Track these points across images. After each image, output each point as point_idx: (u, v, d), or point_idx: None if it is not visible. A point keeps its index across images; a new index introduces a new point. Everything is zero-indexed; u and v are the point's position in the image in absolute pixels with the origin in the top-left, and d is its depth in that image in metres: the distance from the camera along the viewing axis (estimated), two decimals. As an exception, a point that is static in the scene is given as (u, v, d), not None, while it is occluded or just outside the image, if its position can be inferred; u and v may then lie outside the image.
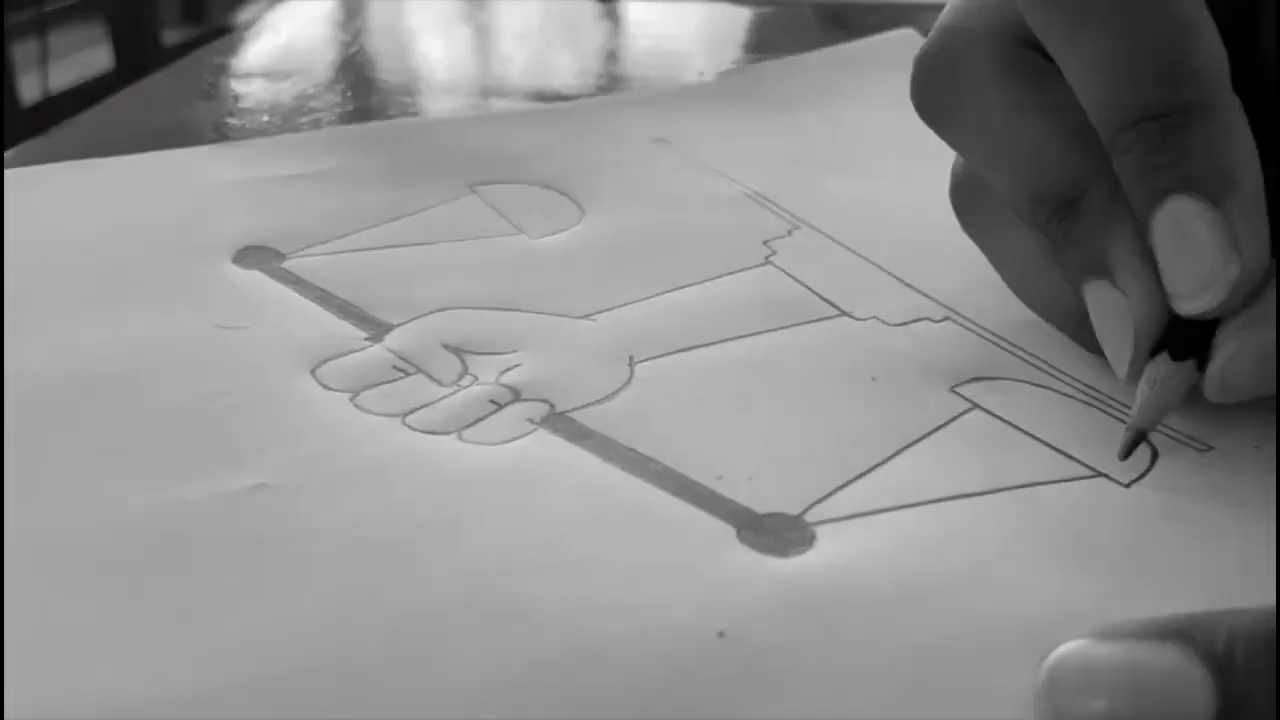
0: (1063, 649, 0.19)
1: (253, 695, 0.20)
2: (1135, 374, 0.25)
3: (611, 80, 0.52)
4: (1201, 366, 0.25)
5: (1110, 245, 0.25)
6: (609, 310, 0.31)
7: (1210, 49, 0.24)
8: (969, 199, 0.29)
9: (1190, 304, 0.24)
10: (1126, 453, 0.25)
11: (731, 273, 0.33)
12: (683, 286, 0.32)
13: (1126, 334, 0.25)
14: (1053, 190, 0.26)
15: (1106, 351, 0.25)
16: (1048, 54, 0.25)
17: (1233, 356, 0.24)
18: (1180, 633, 0.18)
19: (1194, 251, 0.23)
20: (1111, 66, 0.24)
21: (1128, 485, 0.25)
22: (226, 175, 0.38)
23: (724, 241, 0.34)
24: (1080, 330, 0.28)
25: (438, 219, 0.36)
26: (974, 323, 0.30)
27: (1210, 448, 0.26)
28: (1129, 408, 0.26)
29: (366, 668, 0.20)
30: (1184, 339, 0.25)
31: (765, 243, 0.34)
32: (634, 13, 0.62)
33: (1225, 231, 0.23)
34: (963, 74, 0.27)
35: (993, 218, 0.29)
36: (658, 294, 0.32)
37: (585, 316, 0.31)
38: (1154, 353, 0.25)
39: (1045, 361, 0.29)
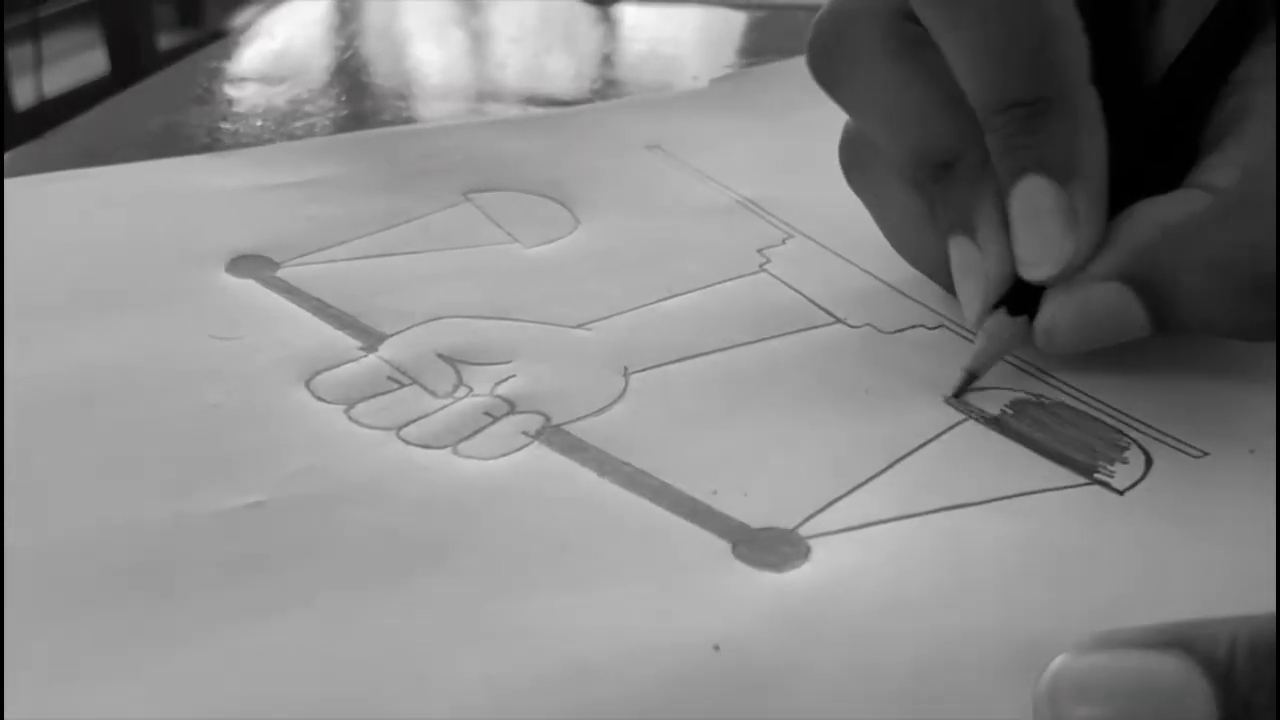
0: (1063, 657, 0.19)
1: (247, 713, 0.20)
2: (979, 322, 0.28)
3: (606, 84, 0.52)
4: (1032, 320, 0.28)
5: (976, 207, 0.28)
6: (603, 319, 0.31)
7: (1073, 45, 0.27)
8: (855, 157, 0.32)
9: (1033, 271, 0.27)
10: (958, 392, 0.28)
11: (726, 280, 0.33)
12: (677, 295, 0.32)
13: (979, 287, 0.28)
14: (931, 153, 0.29)
15: (960, 299, 0.29)
16: None
17: (1056, 313, 0.27)
18: (1181, 641, 0.18)
19: (1040, 226, 0.27)
20: (986, 56, 0.27)
21: (1122, 493, 0.25)
22: (220, 184, 0.38)
23: (718, 249, 0.34)
24: (947, 279, 0.30)
25: (432, 227, 0.36)
26: (968, 330, 0.30)
27: (1205, 453, 0.26)
28: (1123, 412, 0.27)
29: (363, 686, 0.20)
30: (1021, 296, 0.28)
31: (759, 251, 0.34)
32: (629, 16, 0.61)
33: (1067, 211, 0.27)
34: (855, 43, 0.30)
35: (876, 175, 0.31)
36: (652, 303, 0.32)
37: (580, 326, 0.30)
38: (996, 306, 0.28)
39: (1039, 368, 0.29)
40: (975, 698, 0.20)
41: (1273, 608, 0.21)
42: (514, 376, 0.28)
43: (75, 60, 1.60)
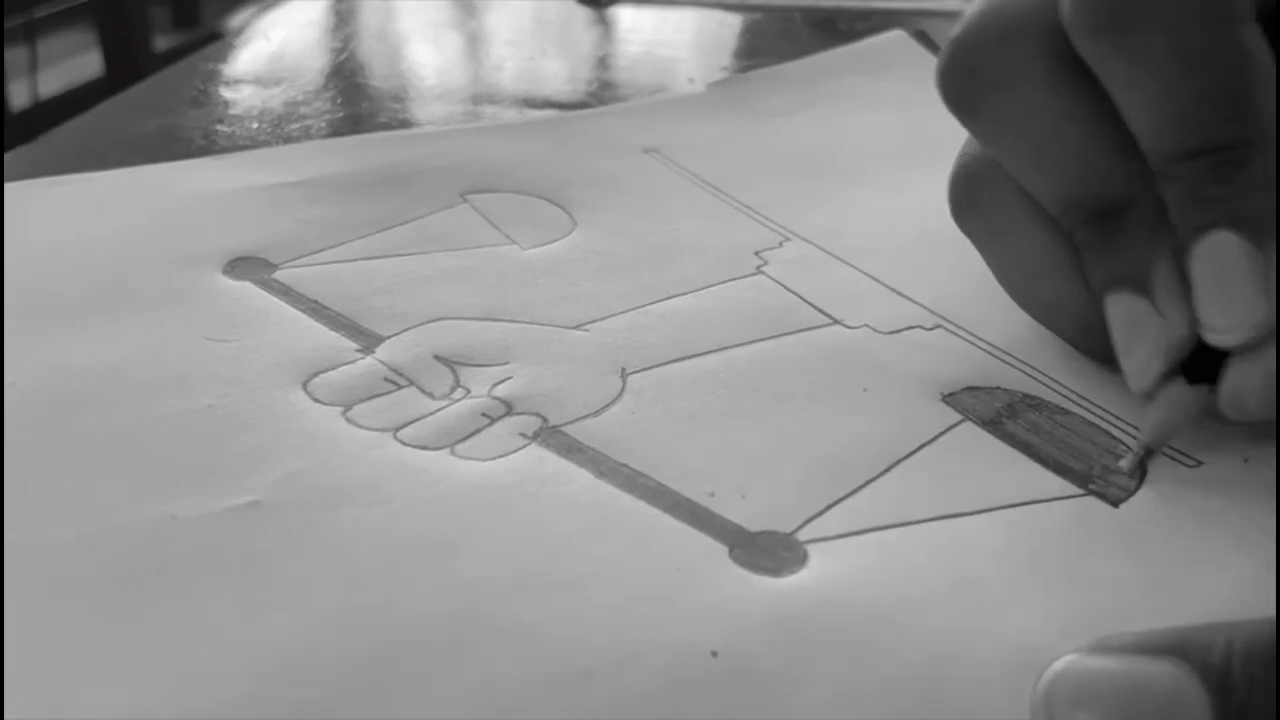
0: (1060, 663, 0.19)
1: (244, 715, 0.20)
2: (1154, 393, 0.26)
3: (602, 86, 0.52)
4: (1211, 389, 0.25)
5: (1150, 263, 0.25)
6: (601, 321, 0.31)
7: (1268, 85, 0.24)
8: (976, 194, 0.29)
9: (1220, 337, 0.24)
10: (1134, 470, 0.26)
11: (723, 282, 0.33)
12: (674, 297, 0.32)
13: (1155, 352, 0.25)
14: (1095, 198, 0.26)
15: (1125, 364, 0.26)
16: None
17: (1245, 379, 0.25)
18: (1177, 647, 0.18)
19: (1232, 288, 0.24)
20: (1169, 100, 0.24)
21: (1118, 505, 0.25)
22: (217, 186, 0.38)
23: (715, 252, 0.34)
24: (1085, 338, 0.28)
25: (430, 228, 0.36)
26: (966, 330, 0.30)
27: (1200, 463, 0.26)
28: (1119, 417, 0.27)
29: (359, 687, 0.20)
30: (1199, 363, 0.25)
31: (756, 253, 0.34)
32: (624, 19, 0.62)
33: (1265, 274, 0.24)
34: (1007, 65, 0.26)
35: (1003, 215, 0.28)
36: (649, 304, 0.32)
37: (577, 327, 0.30)
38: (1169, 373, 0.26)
39: (1039, 370, 0.29)
40: (971, 705, 0.20)
41: (1267, 614, 0.21)
42: (511, 378, 0.28)
43: (70, 62, 1.60)
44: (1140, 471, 0.26)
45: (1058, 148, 0.26)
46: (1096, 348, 0.27)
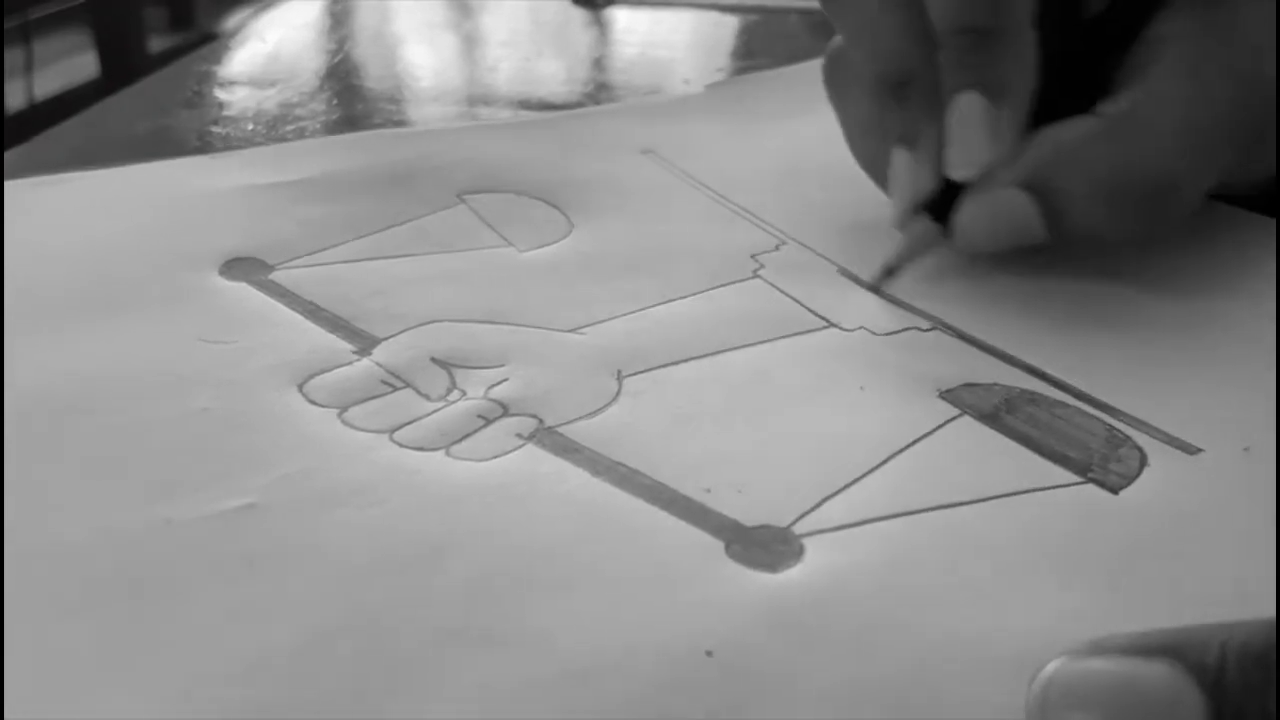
0: (1053, 664, 0.19)
1: (241, 718, 0.20)
2: (902, 223, 0.33)
3: (598, 88, 0.52)
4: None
5: (921, 124, 0.33)
6: (597, 324, 0.31)
7: None
8: (835, 69, 0.36)
9: (957, 171, 0.32)
10: (878, 283, 0.32)
11: (719, 286, 0.33)
12: (670, 300, 0.32)
13: (908, 190, 0.33)
14: (894, 72, 0.33)
15: (891, 199, 0.34)
16: None
17: (970, 213, 0.32)
18: (1172, 648, 0.18)
19: (970, 135, 0.32)
20: None
21: (1117, 492, 0.25)
22: (213, 185, 0.38)
23: (712, 255, 0.34)
24: (887, 185, 0.35)
25: (427, 229, 0.36)
26: (962, 332, 0.30)
27: (1199, 450, 0.26)
28: (1119, 410, 0.27)
29: (355, 689, 0.20)
30: (941, 205, 0.33)
31: (753, 256, 0.34)
32: (621, 20, 0.62)
33: (994, 124, 0.32)
34: None
35: (847, 87, 0.36)
36: (646, 308, 0.32)
37: (573, 330, 0.30)
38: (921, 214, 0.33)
39: (1036, 369, 0.29)
40: (969, 700, 0.20)
41: (1265, 608, 0.21)
42: (507, 380, 0.28)
43: (66, 63, 1.60)
44: (1140, 458, 0.26)
45: (873, 30, 0.34)
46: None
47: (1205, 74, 0.32)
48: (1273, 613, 0.19)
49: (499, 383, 0.28)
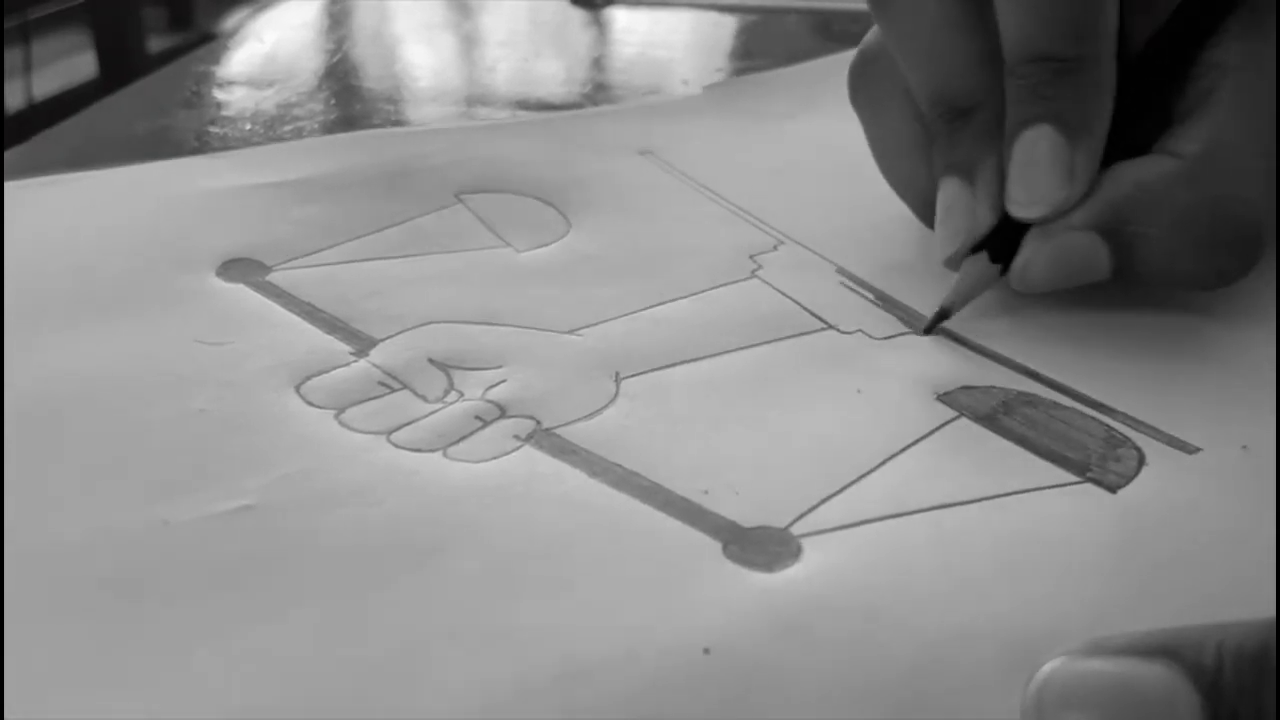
0: (1050, 665, 0.19)
1: (239, 719, 0.20)
2: (956, 262, 0.31)
3: (596, 88, 0.52)
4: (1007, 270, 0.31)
5: (981, 155, 0.31)
6: (595, 325, 0.31)
7: (1112, 13, 0.30)
8: (868, 75, 0.34)
9: (1024, 210, 0.30)
10: (930, 328, 0.31)
11: (717, 287, 0.33)
12: (668, 301, 0.32)
13: (964, 226, 0.31)
14: (954, 98, 0.31)
15: (940, 235, 0.32)
16: None
17: (1033, 254, 0.30)
18: (1169, 648, 0.18)
19: (1039, 169, 0.30)
20: (1031, 11, 0.30)
21: (1115, 491, 0.25)
22: (211, 185, 0.37)
23: (710, 256, 0.34)
24: (925, 211, 0.33)
25: (424, 230, 0.36)
26: (960, 335, 0.30)
27: (1198, 449, 0.26)
28: (1117, 411, 0.27)
29: (353, 690, 0.20)
30: (997, 243, 0.31)
31: (751, 257, 0.34)
32: (619, 20, 0.62)
33: (1068, 163, 0.30)
34: None
35: (884, 98, 0.34)
36: (643, 309, 0.32)
37: (571, 331, 0.30)
38: (974, 250, 0.31)
39: (1033, 371, 0.29)
40: (966, 699, 0.20)
41: (1263, 607, 0.21)
42: (505, 381, 0.28)
43: (64, 63, 1.60)
44: (1139, 458, 0.26)
45: (934, 49, 0.32)
46: (931, 221, 0.32)
47: (1270, 107, 0.30)
48: (1270, 613, 0.19)
49: (496, 384, 0.28)
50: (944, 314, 0.31)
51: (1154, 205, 0.30)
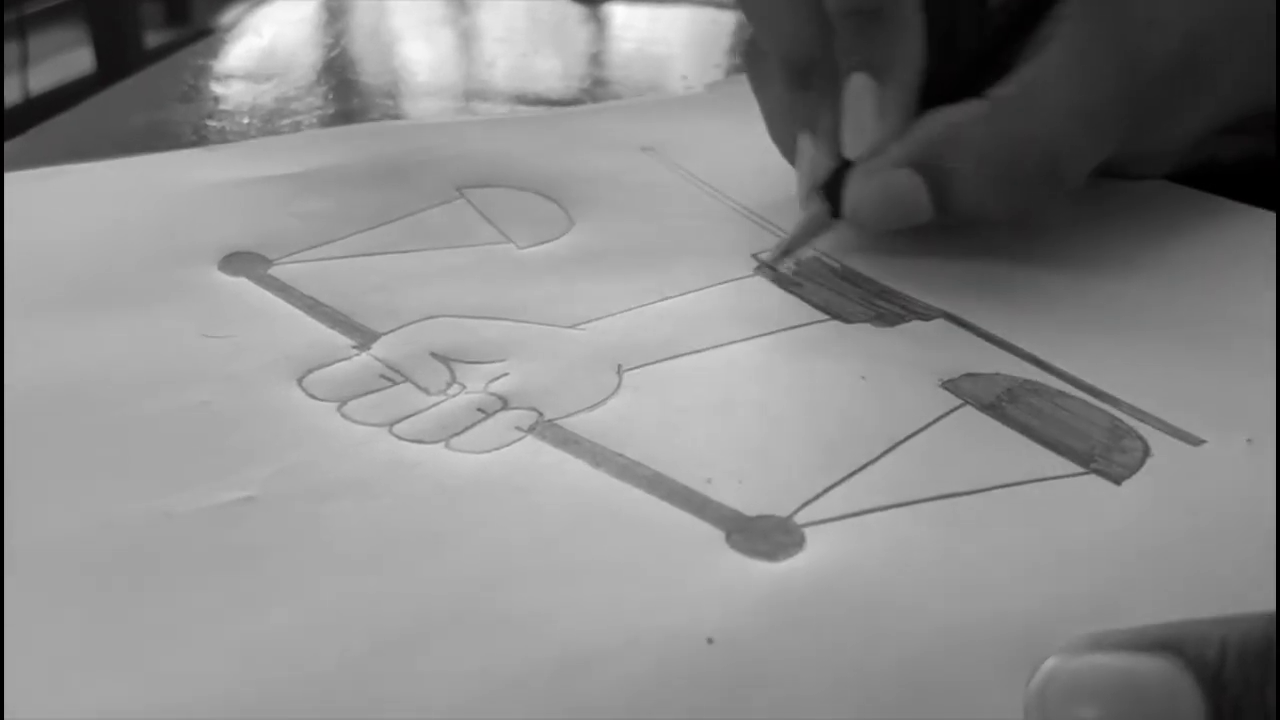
0: (1054, 659, 0.19)
1: (240, 708, 0.20)
2: (804, 203, 0.35)
3: (595, 84, 0.52)
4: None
5: (820, 108, 0.34)
6: (596, 320, 0.31)
7: None
8: (751, 58, 0.38)
9: (850, 151, 0.33)
10: (775, 260, 0.34)
11: (719, 283, 0.33)
12: (670, 298, 0.32)
13: (806, 173, 0.35)
14: (797, 60, 0.35)
15: (796, 185, 0.35)
16: None
17: (859, 192, 0.33)
18: (1171, 643, 0.18)
19: (858, 114, 0.33)
20: None
21: (1120, 483, 0.25)
22: (212, 178, 0.37)
23: (712, 252, 0.34)
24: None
25: (426, 224, 0.35)
26: (964, 321, 0.31)
27: (1202, 441, 0.26)
28: (1121, 400, 0.27)
29: (355, 681, 0.20)
30: (836, 189, 0.34)
31: (753, 255, 0.34)
32: (618, 16, 0.62)
33: (879, 104, 0.33)
34: None
35: (763, 75, 0.37)
36: (645, 304, 0.32)
37: (573, 326, 0.30)
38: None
39: (1038, 359, 0.29)
40: (970, 689, 0.20)
41: (1266, 600, 0.21)
42: (507, 374, 0.28)
43: (61, 58, 1.60)
44: (1143, 449, 0.26)
45: (775, 19, 0.35)
46: None
47: (1093, 54, 0.33)
48: (1273, 606, 0.19)
49: (499, 377, 0.28)
50: (786, 250, 0.34)
51: (960, 143, 0.33)
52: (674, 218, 0.37)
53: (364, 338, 0.30)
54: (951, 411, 0.27)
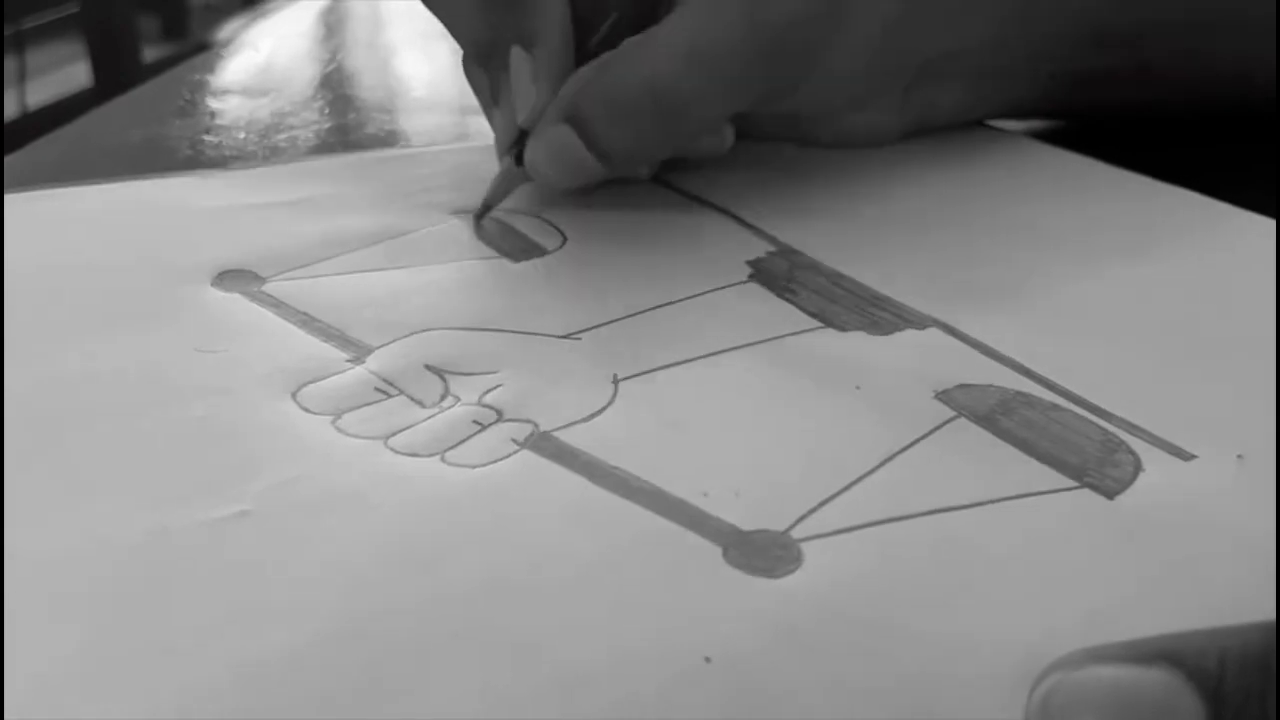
0: (1055, 674, 0.19)
1: (235, 726, 0.19)
2: (501, 164, 0.37)
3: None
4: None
5: (500, 85, 0.37)
6: (591, 329, 0.31)
7: None
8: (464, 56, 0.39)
9: (520, 116, 0.36)
10: (479, 216, 0.37)
11: (714, 290, 0.33)
12: (665, 305, 0.32)
13: (497, 142, 0.38)
14: (477, 44, 0.37)
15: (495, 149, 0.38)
16: None
17: (532, 152, 0.36)
18: (1170, 654, 0.18)
19: (520, 83, 0.36)
20: None
21: (1113, 497, 0.25)
22: (207, 203, 0.38)
23: (707, 261, 0.34)
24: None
25: (419, 243, 0.35)
26: (959, 330, 0.30)
27: (1193, 456, 0.26)
28: (1114, 414, 0.27)
29: (349, 697, 0.20)
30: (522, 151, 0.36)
31: (748, 262, 0.34)
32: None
33: (532, 70, 0.36)
34: None
35: (470, 67, 0.39)
36: (640, 312, 0.32)
37: (567, 335, 0.30)
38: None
39: (1033, 370, 0.29)
40: (967, 705, 0.20)
41: (1261, 613, 0.21)
42: (502, 385, 0.28)
43: (59, 73, 1.60)
44: (1135, 464, 0.26)
45: (450, 8, 0.37)
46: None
47: (721, 9, 0.35)
48: (1271, 617, 0.19)
49: (493, 388, 0.28)
50: (486, 207, 0.37)
51: (589, 92, 0.35)
52: (667, 226, 0.37)
53: (358, 351, 0.30)
54: (946, 423, 0.27)
